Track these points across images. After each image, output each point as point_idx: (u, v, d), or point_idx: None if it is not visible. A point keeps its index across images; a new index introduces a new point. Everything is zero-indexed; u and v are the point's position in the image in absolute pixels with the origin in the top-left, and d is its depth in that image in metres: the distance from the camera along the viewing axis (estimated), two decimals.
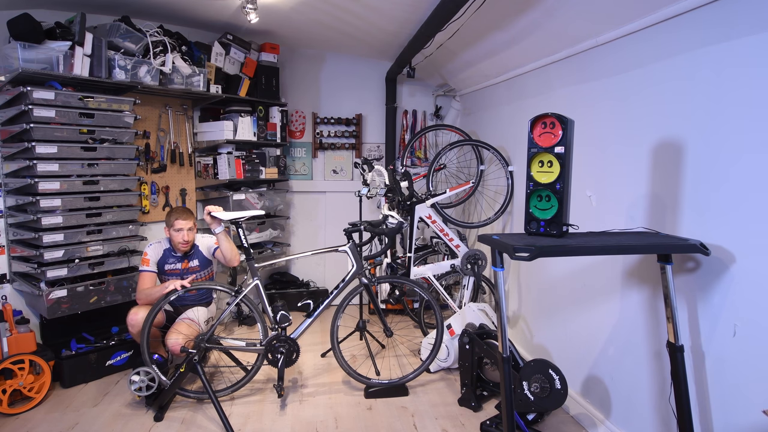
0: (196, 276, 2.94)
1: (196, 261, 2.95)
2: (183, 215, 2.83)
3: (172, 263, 2.89)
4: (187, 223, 2.82)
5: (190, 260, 2.94)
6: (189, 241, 2.84)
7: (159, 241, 2.91)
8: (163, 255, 2.87)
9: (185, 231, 2.81)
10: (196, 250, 2.96)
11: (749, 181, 1.64)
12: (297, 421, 2.58)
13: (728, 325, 1.71)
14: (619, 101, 2.26)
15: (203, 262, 2.97)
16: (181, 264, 2.90)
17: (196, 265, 2.95)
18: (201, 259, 2.96)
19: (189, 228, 2.83)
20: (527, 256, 1.62)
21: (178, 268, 2.90)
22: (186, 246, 2.85)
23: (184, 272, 2.90)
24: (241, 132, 3.72)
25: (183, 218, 2.82)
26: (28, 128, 2.58)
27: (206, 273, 3.02)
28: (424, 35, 3.04)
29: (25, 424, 2.48)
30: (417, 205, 3.38)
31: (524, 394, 2.14)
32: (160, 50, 3.08)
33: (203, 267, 2.99)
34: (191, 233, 2.85)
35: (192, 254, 2.94)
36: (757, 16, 1.58)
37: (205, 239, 2.99)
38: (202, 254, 2.97)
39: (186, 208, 2.97)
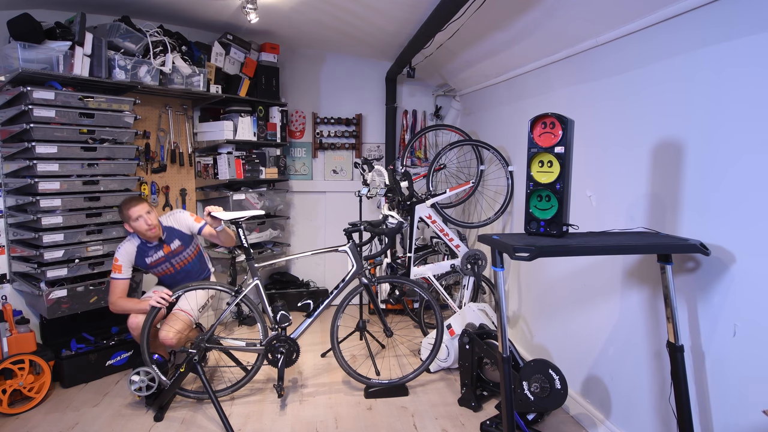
0: (184, 255, 2.84)
1: (177, 241, 2.81)
2: (132, 203, 2.66)
3: (152, 254, 2.76)
4: (141, 207, 2.65)
5: (170, 243, 2.79)
6: (153, 224, 2.66)
7: (129, 239, 2.74)
8: (138, 252, 2.73)
9: (144, 216, 2.64)
10: (171, 231, 2.80)
11: (749, 181, 1.64)
12: (297, 421, 2.58)
13: (728, 325, 1.71)
14: (619, 101, 2.26)
15: (186, 239, 2.84)
16: (162, 251, 2.77)
17: (178, 246, 2.82)
18: (182, 237, 2.83)
19: (147, 212, 2.66)
20: (527, 256, 1.62)
21: (161, 256, 2.78)
22: (154, 230, 2.67)
23: (169, 257, 2.79)
24: (241, 132, 3.72)
25: (134, 205, 2.65)
26: (28, 128, 2.58)
27: (193, 249, 2.89)
28: (424, 35, 3.04)
29: (25, 424, 2.48)
30: (417, 205, 3.38)
31: (524, 394, 2.14)
32: (160, 50, 3.08)
33: (187, 244, 2.85)
34: (151, 215, 2.67)
35: (168, 236, 2.79)
36: (757, 16, 1.58)
37: (177, 216, 2.86)
38: (180, 232, 2.82)
39: (133, 195, 2.83)
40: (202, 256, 3.01)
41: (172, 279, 2.88)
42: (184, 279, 2.87)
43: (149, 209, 2.68)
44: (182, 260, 2.86)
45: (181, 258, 2.85)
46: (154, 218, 2.70)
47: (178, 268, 2.85)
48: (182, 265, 2.86)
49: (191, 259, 2.90)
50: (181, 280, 2.86)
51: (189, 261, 2.89)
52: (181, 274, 2.88)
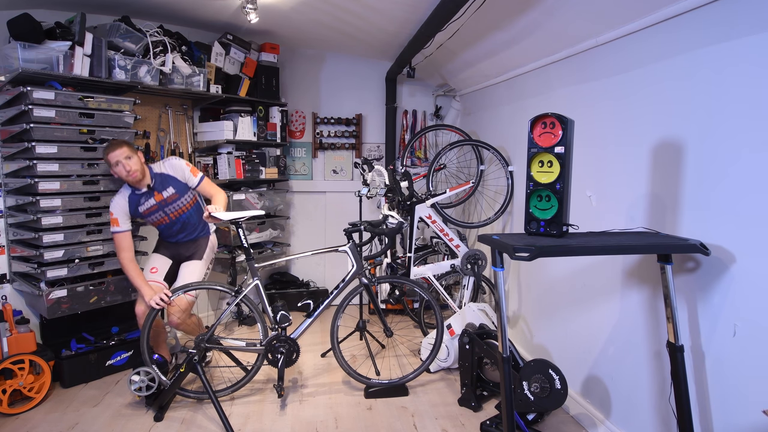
0: (178, 204, 2.77)
1: (171, 189, 2.73)
2: (111, 148, 2.56)
3: (144, 202, 2.69)
4: (120, 152, 2.55)
5: (162, 190, 2.72)
6: (134, 169, 2.58)
7: (120, 191, 2.71)
8: (129, 201, 2.68)
9: (122, 161, 2.55)
10: (163, 177, 2.73)
11: (749, 180, 1.64)
12: (297, 421, 2.58)
13: (728, 325, 1.71)
14: (619, 101, 2.26)
15: (180, 188, 2.76)
16: (153, 198, 2.70)
17: (172, 193, 2.74)
18: (176, 185, 2.75)
19: (126, 156, 2.56)
20: (527, 256, 1.62)
21: (153, 204, 2.70)
22: (135, 175, 2.59)
23: (162, 206, 2.72)
24: (241, 132, 3.72)
25: (111, 150, 2.55)
26: (28, 128, 2.58)
27: (188, 199, 2.80)
28: (424, 35, 3.04)
29: (25, 424, 2.48)
30: (417, 205, 3.38)
31: (524, 394, 2.14)
32: (160, 50, 3.08)
33: (182, 193, 2.76)
34: (131, 161, 2.57)
35: (160, 183, 2.72)
36: (757, 16, 1.58)
37: (171, 162, 2.78)
38: (174, 179, 2.74)
39: (115, 140, 2.70)
40: (201, 209, 2.90)
41: (169, 230, 2.83)
42: (181, 231, 2.80)
43: (129, 154, 2.58)
44: (177, 210, 2.78)
45: (176, 207, 2.78)
46: (135, 163, 2.59)
47: (173, 218, 2.79)
48: (177, 215, 2.79)
49: (187, 209, 2.81)
50: (177, 231, 2.80)
51: (184, 211, 2.80)
52: (177, 225, 2.81)
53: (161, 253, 2.92)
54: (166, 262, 2.88)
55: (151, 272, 2.81)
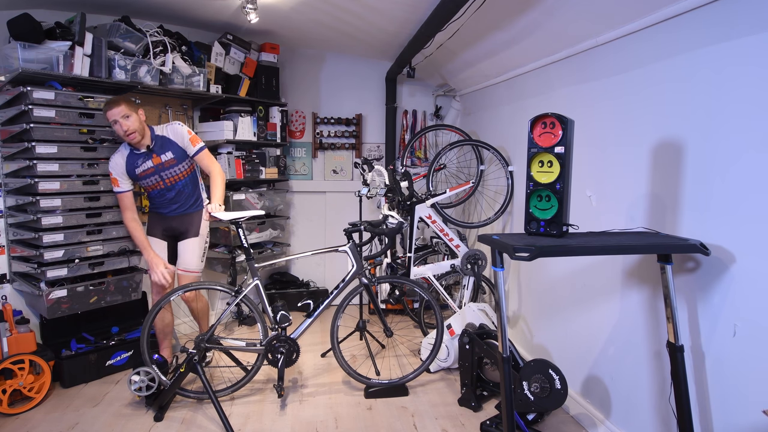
0: (175, 170, 2.74)
1: (170, 153, 2.70)
2: (109, 105, 2.51)
3: (141, 164, 2.67)
4: (118, 111, 2.50)
5: (161, 153, 2.68)
6: (131, 129, 2.54)
7: (119, 150, 2.69)
8: (128, 161, 2.66)
9: (120, 121, 2.51)
10: (164, 141, 2.69)
11: (749, 180, 1.64)
12: (297, 421, 2.58)
13: (728, 325, 1.71)
14: (619, 101, 2.26)
15: (179, 154, 2.73)
16: (150, 160, 2.67)
17: (171, 158, 2.71)
18: (175, 150, 2.71)
19: (123, 115, 2.51)
20: (527, 256, 1.62)
21: (150, 167, 2.68)
22: (133, 136, 2.56)
23: (159, 169, 2.70)
24: (241, 132, 3.73)
25: (110, 108, 2.49)
26: (28, 128, 2.58)
27: (186, 167, 2.77)
28: (424, 35, 3.04)
29: (25, 424, 2.48)
30: (417, 205, 3.38)
31: (524, 394, 2.14)
32: (160, 50, 3.08)
33: (180, 159, 2.73)
34: (129, 120, 2.53)
35: (160, 146, 2.68)
36: (757, 16, 1.58)
37: (174, 126, 2.74)
38: (174, 144, 2.70)
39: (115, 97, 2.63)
40: (196, 179, 2.87)
41: (162, 197, 2.79)
42: (174, 202, 2.79)
43: (127, 112, 2.53)
44: (173, 176, 2.76)
45: (172, 173, 2.75)
46: (133, 123, 2.55)
47: (168, 184, 2.76)
48: (173, 181, 2.76)
49: (183, 176, 2.79)
50: (171, 201, 2.78)
51: (180, 178, 2.79)
52: (171, 192, 2.78)
53: (156, 235, 2.88)
54: (163, 245, 2.88)
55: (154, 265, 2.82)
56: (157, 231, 2.90)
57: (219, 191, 2.73)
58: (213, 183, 2.76)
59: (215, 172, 2.79)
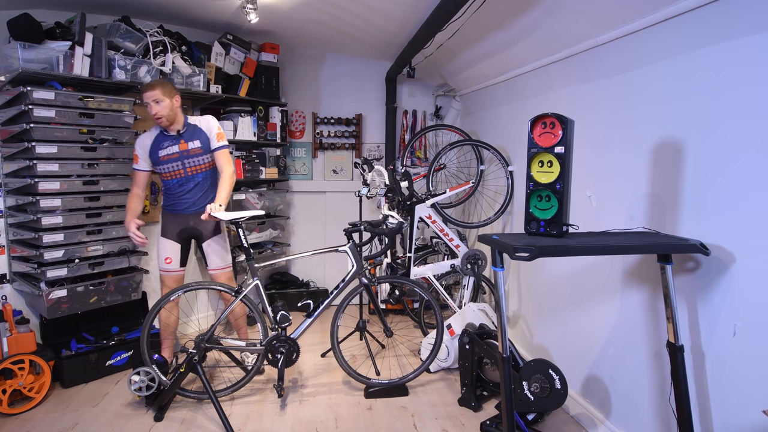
0: (199, 160, 2.73)
1: (197, 142, 2.72)
2: (148, 87, 2.57)
3: (167, 146, 2.70)
4: (151, 94, 2.55)
5: (189, 140, 2.69)
6: (159, 114, 2.59)
7: (150, 130, 2.76)
8: (155, 141, 2.70)
9: (151, 104, 2.57)
10: (195, 129, 2.71)
11: (749, 180, 1.64)
12: (297, 421, 2.58)
13: (728, 325, 1.71)
14: (619, 101, 2.26)
15: (206, 145, 2.74)
16: (177, 146, 2.69)
17: (197, 147, 2.71)
18: (203, 140, 2.73)
19: (154, 100, 2.56)
20: (527, 256, 1.62)
21: (175, 151, 2.70)
22: (161, 120, 2.62)
23: (183, 156, 2.70)
24: (241, 132, 3.73)
25: (146, 90, 2.56)
26: (28, 128, 2.58)
27: (209, 159, 2.77)
28: (424, 35, 3.04)
29: (25, 424, 2.48)
30: (417, 205, 3.38)
31: (524, 394, 2.14)
32: (160, 50, 3.08)
33: (206, 150, 2.74)
34: (160, 105, 2.58)
35: (190, 133, 2.69)
36: (757, 16, 1.58)
37: (207, 118, 2.79)
38: (203, 134, 2.72)
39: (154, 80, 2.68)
40: (216, 178, 2.84)
41: (180, 188, 2.79)
42: (189, 194, 2.78)
43: (160, 98, 2.58)
44: (195, 166, 2.76)
45: (195, 162, 2.75)
46: (164, 109, 2.60)
47: (189, 173, 2.75)
48: (194, 171, 2.75)
49: (205, 168, 2.79)
50: (187, 193, 2.78)
51: (202, 170, 2.79)
52: (190, 184, 2.78)
53: (170, 237, 2.86)
54: (176, 247, 2.87)
55: (166, 262, 2.84)
56: (171, 233, 2.86)
57: (224, 192, 2.71)
58: (221, 182, 2.74)
59: (227, 173, 2.76)
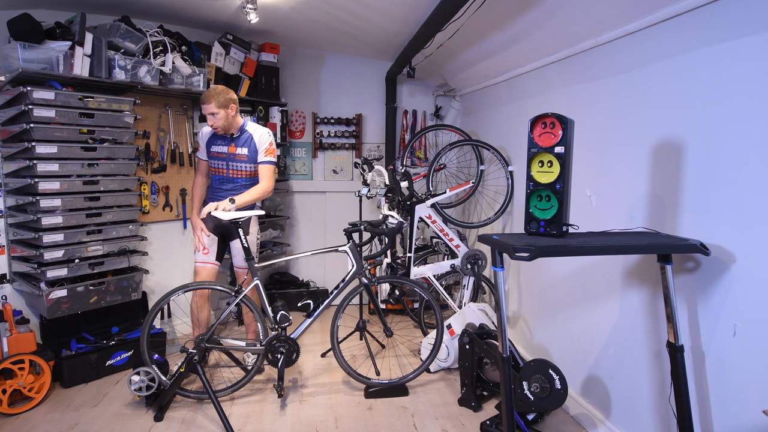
0: (243, 166, 2.82)
1: (245, 149, 2.81)
2: (204, 99, 2.67)
3: (219, 144, 2.83)
4: (207, 107, 2.67)
5: (239, 146, 2.80)
6: (216, 125, 2.71)
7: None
8: (212, 134, 2.84)
9: (208, 116, 2.69)
10: (248, 137, 2.81)
11: (749, 181, 1.64)
12: (297, 421, 2.58)
13: (728, 325, 1.72)
14: (619, 101, 2.26)
15: (252, 154, 2.82)
16: (227, 147, 2.81)
17: (243, 154, 2.81)
18: (251, 150, 2.81)
19: (211, 113, 2.68)
20: (527, 256, 1.62)
21: (224, 152, 2.82)
22: (217, 130, 2.74)
23: (229, 157, 2.82)
24: None
25: (202, 102, 2.69)
26: (28, 128, 2.58)
27: (253, 169, 2.85)
28: (424, 35, 3.04)
29: (25, 424, 2.48)
30: (417, 205, 3.38)
31: (524, 394, 2.14)
32: (160, 50, 3.07)
33: (251, 159, 2.83)
34: (215, 117, 2.68)
35: (242, 139, 2.79)
36: (757, 16, 1.58)
37: (263, 131, 2.84)
38: (254, 144, 2.80)
39: (213, 87, 2.73)
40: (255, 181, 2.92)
41: (221, 185, 2.88)
42: (227, 192, 2.83)
43: (215, 111, 2.67)
44: (238, 170, 2.85)
45: (238, 167, 2.84)
46: (219, 120, 2.69)
47: (231, 175, 2.84)
48: (235, 175, 2.84)
49: (246, 175, 2.87)
50: (225, 191, 2.85)
51: (243, 176, 2.86)
52: (229, 185, 2.86)
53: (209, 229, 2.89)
54: (215, 240, 2.91)
55: (204, 253, 2.87)
56: (209, 226, 2.90)
57: (247, 196, 2.74)
58: (250, 189, 2.79)
59: (262, 186, 2.80)
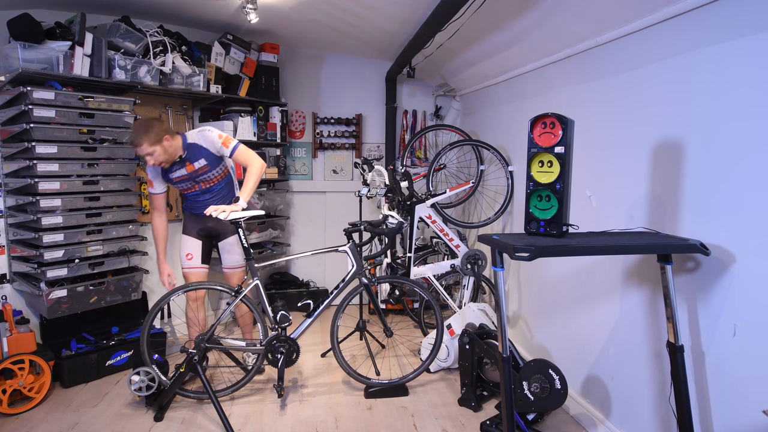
0: (209, 175, 2.75)
1: (203, 160, 2.71)
2: (135, 141, 2.50)
3: (176, 170, 2.72)
4: (141, 149, 2.50)
5: (194, 161, 2.69)
6: (158, 161, 2.56)
7: None
8: (162, 167, 2.71)
9: (146, 158, 2.55)
10: (197, 149, 2.68)
11: (749, 181, 1.64)
12: (297, 421, 2.58)
13: (728, 325, 1.71)
14: (619, 101, 2.26)
15: (212, 160, 2.72)
16: (184, 168, 2.71)
17: (203, 165, 2.71)
18: (208, 157, 2.71)
19: (147, 153, 2.51)
20: (527, 256, 1.62)
21: (184, 174, 2.73)
22: (163, 164, 2.61)
23: (192, 176, 2.72)
24: (241, 132, 3.72)
25: (136, 144, 2.51)
26: (28, 128, 2.58)
27: (220, 171, 2.78)
28: (424, 35, 3.04)
29: (25, 424, 2.48)
30: (417, 205, 3.38)
31: (524, 394, 2.14)
32: (160, 50, 3.08)
33: (213, 165, 2.74)
34: (154, 156, 2.53)
35: (192, 154, 2.68)
36: (757, 16, 1.58)
37: (205, 134, 2.69)
38: (206, 151, 2.69)
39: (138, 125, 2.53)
40: (231, 182, 2.89)
41: (197, 199, 2.83)
42: (208, 201, 2.79)
43: (150, 150, 2.51)
44: (207, 180, 2.77)
45: (206, 178, 2.76)
46: (159, 156, 2.54)
47: (204, 187, 2.79)
48: (207, 185, 2.79)
49: (217, 180, 2.80)
50: (204, 201, 2.80)
51: (215, 182, 2.79)
52: (206, 195, 2.82)
53: (191, 234, 2.88)
54: (198, 244, 2.89)
55: (187, 258, 2.85)
56: (192, 231, 2.90)
57: (247, 188, 2.64)
58: (246, 177, 2.68)
59: (253, 168, 2.68)
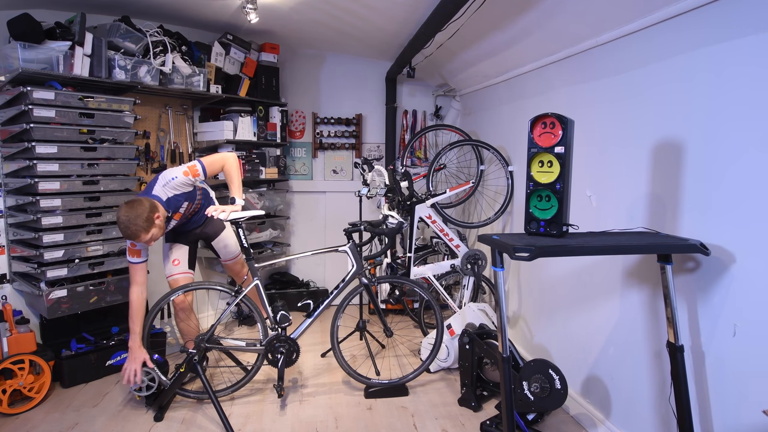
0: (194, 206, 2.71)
1: (185, 203, 2.64)
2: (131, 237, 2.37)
3: (169, 226, 2.65)
4: (141, 239, 2.38)
5: (177, 209, 2.62)
6: (155, 240, 2.45)
7: None
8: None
9: (139, 245, 2.50)
10: (173, 201, 2.55)
11: (749, 180, 1.64)
12: (297, 421, 2.58)
13: (728, 325, 1.72)
14: (619, 101, 2.26)
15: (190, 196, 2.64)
16: (173, 219, 2.66)
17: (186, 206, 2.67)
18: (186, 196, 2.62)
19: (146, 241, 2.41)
20: (527, 256, 1.62)
21: (176, 222, 2.70)
22: (158, 238, 2.48)
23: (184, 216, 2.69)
24: (241, 132, 3.72)
25: (133, 239, 2.39)
26: (28, 128, 2.58)
27: (199, 194, 2.71)
28: (424, 35, 3.04)
29: (25, 424, 2.48)
30: (417, 205, 3.38)
31: (524, 394, 2.14)
32: (160, 50, 3.08)
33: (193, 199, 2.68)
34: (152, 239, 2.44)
35: (174, 206, 2.59)
36: (757, 16, 1.58)
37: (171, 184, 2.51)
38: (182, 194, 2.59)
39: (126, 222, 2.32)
40: (208, 195, 2.88)
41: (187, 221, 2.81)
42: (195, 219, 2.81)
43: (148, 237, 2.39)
44: (193, 209, 2.75)
45: (192, 209, 2.74)
46: (158, 235, 2.45)
47: (192, 216, 2.80)
48: (194, 212, 2.79)
49: (200, 202, 2.77)
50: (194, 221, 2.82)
51: (199, 205, 2.77)
52: (194, 216, 2.82)
53: (179, 241, 2.86)
54: (185, 250, 2.88)
55: (174, 264, 2.81)
56: (180, 239, 2.87)
57: (235, 183, 2.62)
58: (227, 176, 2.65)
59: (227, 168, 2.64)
